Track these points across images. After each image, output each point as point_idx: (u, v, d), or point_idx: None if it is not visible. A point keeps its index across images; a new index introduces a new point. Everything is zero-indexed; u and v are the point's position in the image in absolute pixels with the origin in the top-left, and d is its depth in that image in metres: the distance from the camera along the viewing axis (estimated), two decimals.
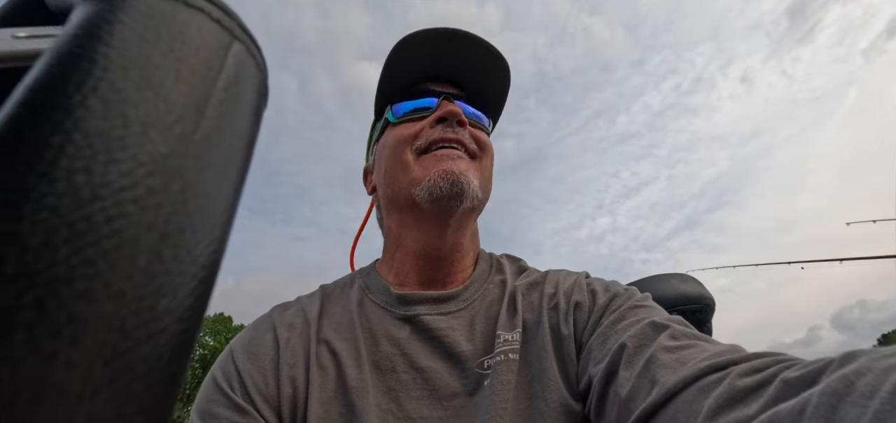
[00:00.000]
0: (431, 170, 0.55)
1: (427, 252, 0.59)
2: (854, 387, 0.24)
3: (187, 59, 0.14)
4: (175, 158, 0.13)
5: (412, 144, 0.58)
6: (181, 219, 0.13)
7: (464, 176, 0.55)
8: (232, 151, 0.15)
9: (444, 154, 0.56)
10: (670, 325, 0.44)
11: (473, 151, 0.59)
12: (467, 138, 0.59)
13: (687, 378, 0.36)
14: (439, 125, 0.58)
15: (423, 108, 0.60)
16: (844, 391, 0.25)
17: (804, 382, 0.28)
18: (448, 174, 0.55)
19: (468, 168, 0.57)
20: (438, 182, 0.54)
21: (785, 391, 0.29)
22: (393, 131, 0.61)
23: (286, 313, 0.58)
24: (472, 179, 0.56)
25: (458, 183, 0.55)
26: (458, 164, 0.56)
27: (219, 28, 0.16)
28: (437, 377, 0.51)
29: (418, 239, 0.59)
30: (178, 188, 0.13)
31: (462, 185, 0.55)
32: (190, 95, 0.14)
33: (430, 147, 0.57)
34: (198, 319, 0.14)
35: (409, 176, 0.57)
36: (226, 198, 0.15)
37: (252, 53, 0.17)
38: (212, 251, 0.14)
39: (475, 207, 0.58)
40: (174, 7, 0.14)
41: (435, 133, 0.57)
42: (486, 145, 0.61)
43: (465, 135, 0.58)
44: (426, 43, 0.59)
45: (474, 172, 0.58)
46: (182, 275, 0.13)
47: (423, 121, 0.59)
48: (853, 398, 0.24)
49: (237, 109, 0.16)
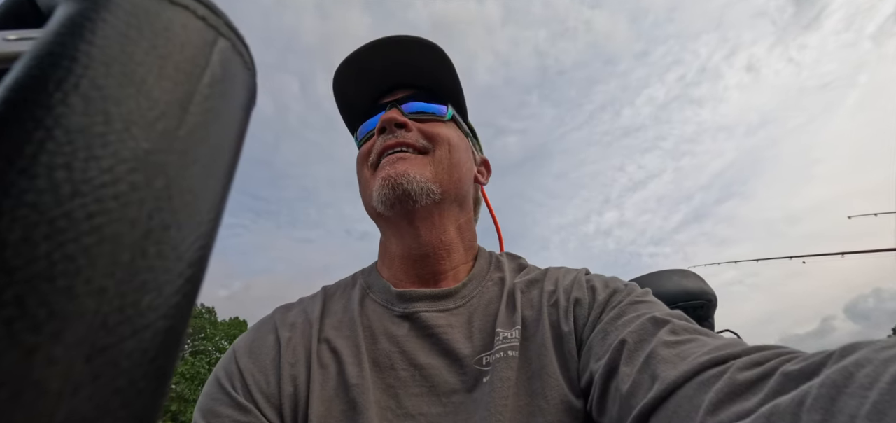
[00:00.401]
0: (376, 180, 0.57)
1: (410, 253, 0.59)
2: (853, 378, 0.24)
3: (171, 55, 0.14)
4: (158, 154, 0.13)
5: (367, 162, 0.61)
6: (166, 215, 0.13)
7: (403, 176, 0.55)
8: (218, 147, 0.15)
9: (385, 162, 0.58)
10: (670, 320, 0.44)
11: (422, 146, 0.59)
12: (412, 137, 0.59)
13: (687, 373, 0.36)
14: (382, 136, 0.59)
15: (373, 124, 0.62)
16: (843, 382, 0.25)
17: (804, 374, 0.28)
18: (387, 179, 0.56)
19: (410, 166, 0.56)
20: (382, 190, 0.56)
21: (785, 384, 0.29)
22: (358, 153, 0.64)
23: (289, 313, 0.59)
24: (414, 176, 0.56)
25: (398, 185, 0.55)
26: (397, 166, 0.56)
27: (204, 25, 0.15)
28: (435, 374, 0.52)
29: (397, 244, 0.60)
30: (161, 185, 0.13)
31: (404, 185, 0.55)
32: (174, 92, 0.14)
33: (379, 159, 0.59)
34: (185, 315, 0.14)
35: (368, 190, 0.60)
36: (213, 195, 0.15)
37: (238, 51, 0.17)
38: (199, 248, 0.14)
39: (437, 200, 0.58)
40: (159, 5, 0.14)
41: (379, 144, 0.59)
42: (435, 136, 0.60)
43: (408, 136, 0.59)
44: (362, 62, 0.61)
45: (420, 166, 0.57)
46: (168, 272, 0.13)
47: (371, 138, 0.61)
48: (852, 389, 0.24)
49: (223, 106, 0.16)
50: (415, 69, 0.62)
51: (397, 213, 0.57)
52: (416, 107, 0.62)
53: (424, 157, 0.59)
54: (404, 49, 0.60)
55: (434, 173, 0.58)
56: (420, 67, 0.62)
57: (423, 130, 0.60)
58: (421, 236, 0.58)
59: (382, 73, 0.62)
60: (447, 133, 0.61)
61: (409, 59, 0.61)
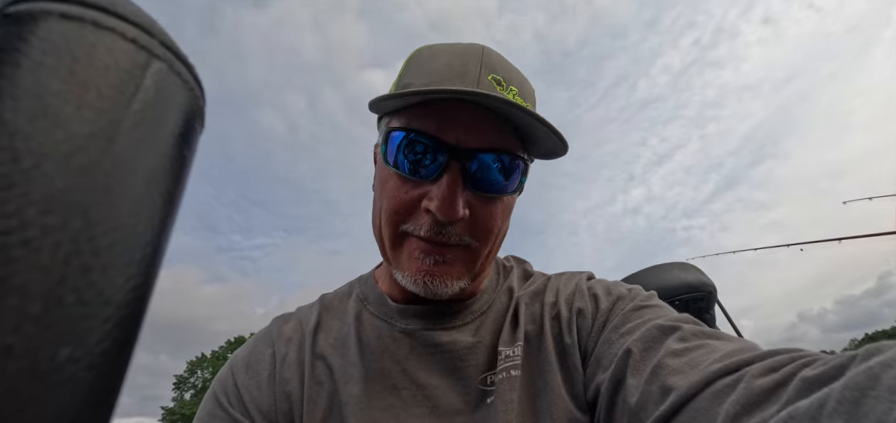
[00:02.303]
0: (408, 269, 0.49)
1: None
2: (880, 380, 0.23)
3: (92, 82, 0.13)
4: (75, 192, 0.12)
5: (395, 221, 0.49)
6: (86, 258, 0.12)
7: (440, 284, 0.48)
8: (154, 177, 0.14)
9: (421, 267, 0.48)
10: (679, 326, 0.42)
11: (468, 244, 0.49)
12: (459, 236, 0.48)
13: (699, 383, 0.34)
14: (429, 215, 0.47)
15: (415, 170, 0.47)
16: (868, 384, 0.23)
17: (825, 378, 0.27)
18: (418, 282, 0.48)
19: (448, 273, 0.49)
20: (413, 287, 0.49)
21: (804, 390, 0.27)
22: (385, 176, 0.50)
23: (286, 326, 0.57)
24: (453, 284, 0.49)
25: (433, 293, 0.49)
26: (435, 272, 0.48)
27: (134, 48, 0.14)
28: (438, 394, 0.50)
29: None
30: (79, 225, 0.12)
31: (436, 291, 0.49)
32: (96, 122, 0.13)
33: (413, 229, 0.48)
34: (117, 362, 0.13)
35: (390, 253, 0.51)
36: (148, 229, 0.14)
37: (176, 71, 0.16)
38: (131, 288, 0.13)
39: (466, 287, 0.51)
40: (80, 29, 0.13)
41: (423, 226, 0.47)
42: (488, 231, 0.49)
43: (457, 235, 0.47)
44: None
45: (459, 273, 0.49)
46: (90, 318, 0.12)
47: (416, 187, 0.48)
48: (879, 391, 0.22)
49: (158, 133, 0.15)
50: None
51: None
52: (486, 180, 0.48)
53: (467, 254, 0.49)
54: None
55: (472, 271, 0.51)
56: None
57: (478, 216, 0.48)
58: None
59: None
60: (503, 214, 0.51)
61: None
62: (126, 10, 0.15)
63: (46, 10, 0.13)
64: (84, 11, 0.14)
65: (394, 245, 0.50)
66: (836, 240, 4.22)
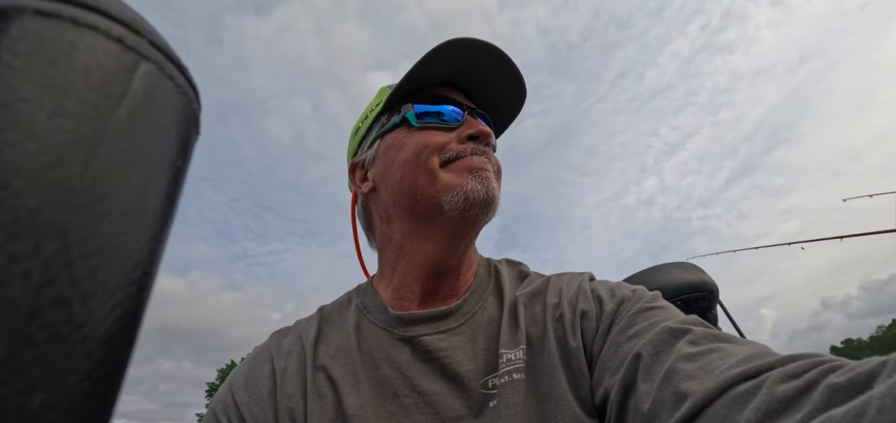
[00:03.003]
0: (467, 178, 0.55)
1: (436, 264, 0.57)
2: None
3: (71, 87, 0.11)
4: (50, 210, 0.10)
5: (439, 154, 0.56)
6: (61, 287, 0.10)
7: (495, 190, 0.57)
8: (143, 192, 0.13)
9: (478, 164, 0.56)
10: (689, 329, 0.41)
11: (498, 169, 0.60)
12: (494, 159, 0.59)
13: (715, 389, 0.33)
14: (470, 142, 0.57)
15: (448, 117, 0.59)
16: None
17: (855, 386, 0.25)
18: (486, 182, 0.55)
19: (497, 186, 0.58)
20: (477, 188, 0.55)
21: (832, 397, 0.26)
22: (414, 135, 0.57)
23: (284, 340, 0.56)
24: (498, 196, 0.58)
25: (491, 194, 0.56)
26: (492, 182, 0.57)
27: (120, 48, 0.13)
28: (440, 400, 0.49)
29: (430, 251, 0.57)
30: (54, 249, 0.10)
31: (494, 198, 0.56)
32: (75, 131, 0.11)
33: (456, 158, 0.56)
34: (102, 403, 0.11)
35: (439, 183, 0.55)
36: (137, 249, 0.13)
37: (169, 74, 0.14)
38: (116, 319, 0.12)
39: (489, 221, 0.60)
40: (58, 27, 0.12)
41: (466, 149, 0.57)
42: (499, 166, 0.61)
43: (492, 156, 0.59)
44: (457, 50, 0.58)
45: (498, 189, 0.59)
46: (69, 358, 0.10)
47: (448, 132, 0.58)
48: None
49: (148, 142, 0.13)
50: (495, 88, 0.62)
51: (466, 217, 0.56)
52: (495, 129, 0.63)
53: (498, 176, 0.60)
54: (500, 67, 0.61)
55: (498, 184, 0.60)
56: (498, 89, 0.63)
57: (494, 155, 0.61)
58: (458, 249, 0.58)
59: (471, 73, 0.61)
60: None
61: (496, 76, 0.61)
62: (110, 6, 0.13)
63: (18, 6, 0.11)
64: (62, 7, 0.12)
65: (433, 181, 0.56)
66: (838, 238, 4.24)
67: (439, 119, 0.58)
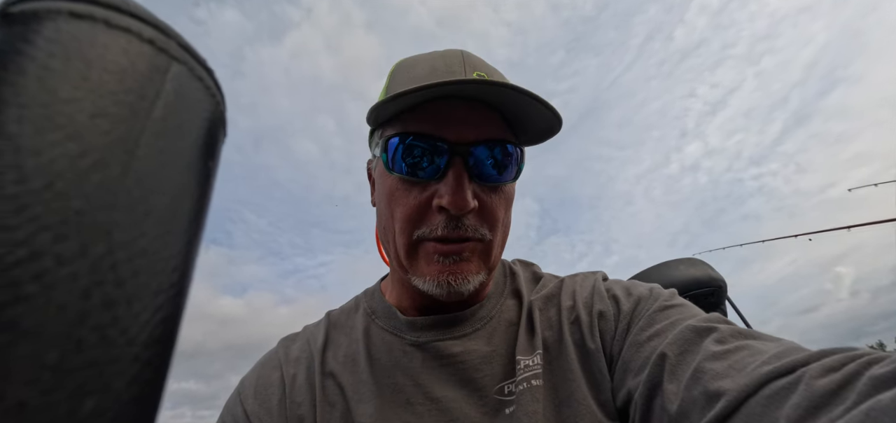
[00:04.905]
0: (428, 273, 0.48)
1: None
2: None
3: (107, 89, 0.11)
4: (95, 212, 0.10)
5: (412, 228, 0.48)
6: (108, 289, 0.10)
7: (462, 282, 0.48)
8: (180, 192, 0.13)
9: (441, 268, 0.48)
10: (715, 326, 0.40)
11: (482, 236, 0.49)
12: (474, 228, 0.48)
13: (749, 386, 0.32)
14: (442, 213, 0.47)
15: (424, 173, 0.47)
16: None
17: None
18: (446, 286, 0.48)
19: (469, 270, 0.49)
20: (436, 290, 0.48)
21: (879, 387, 0.26)
22: (387, 182, 0.50)
23: (293, 346, 0.56)
24: (472, 280, 0.49)
25: (456, 292, 0.48)
26: (456, 271, 0.48)
27: (152, 49, 0.13)
28: (454, 407, 0.48)
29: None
30: (101, 252, 0.10)
31: (460, 290, 0.48)
32: (114, 132, 0.11)
33: (430, 237, 0.48)
34: (148, 408, 0.11)
35: (406, 261, 0.50)
36: (176, 251, 0.12)
37: (197, 75, 0.14)
38: (159, 321, 0.11)
39: (484, 281, 0.51)
40: (92, 29, 0.12)
41: (436, 226, 0.47)
42: (496, 222, 0.50)
43: (472, 227, 0.48)
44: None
45: (477, 267, 0.49)
46: (116, 361, 0.10)
47: (423, 189, 0.48)
48: None
49: (182, 143, 0.13)
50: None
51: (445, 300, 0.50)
52: (487, 172, 0.48)
53: (481, 247, 0.49)
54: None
55: (488, 264, 0.51)
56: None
57: (486, 207, 0.49)
58: None
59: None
60: (507, 203, 0.52)
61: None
62: (140, 9, 0.13)
63: (53, 9, 0.11)
64: (95, 10, 0.12)
65: (409, 254, 0.50)
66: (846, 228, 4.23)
67: (412, 173, 0.47)
